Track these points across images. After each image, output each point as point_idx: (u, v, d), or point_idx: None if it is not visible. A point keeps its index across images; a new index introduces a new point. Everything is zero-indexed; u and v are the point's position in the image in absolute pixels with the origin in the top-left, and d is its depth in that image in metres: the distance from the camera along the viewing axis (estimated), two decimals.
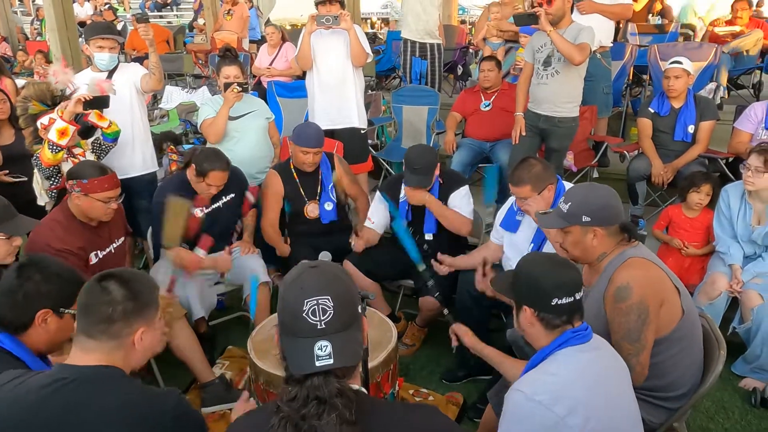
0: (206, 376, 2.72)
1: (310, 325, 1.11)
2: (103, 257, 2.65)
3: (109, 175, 2.56)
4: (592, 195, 1.95)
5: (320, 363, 1.09)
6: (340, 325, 1.12)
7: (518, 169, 2.53)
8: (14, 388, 1.34)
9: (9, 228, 2.08)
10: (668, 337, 1.86)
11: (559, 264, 1.61)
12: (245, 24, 8.22)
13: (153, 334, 1.47)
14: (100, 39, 3.32)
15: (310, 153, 3.15)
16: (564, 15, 3.39)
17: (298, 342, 1.12)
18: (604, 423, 1.48)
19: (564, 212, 1.95)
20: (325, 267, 1.20)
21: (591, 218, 1.90)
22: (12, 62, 9.16)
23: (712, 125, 3.66)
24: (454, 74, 7.20)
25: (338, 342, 1.11)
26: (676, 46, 5.20)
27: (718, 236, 3.00)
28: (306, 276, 1.16)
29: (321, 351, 1.09)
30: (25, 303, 1.62)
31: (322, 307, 1.11)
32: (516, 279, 1.66)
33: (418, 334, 3.19)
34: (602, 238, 1.92)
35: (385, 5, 17.84)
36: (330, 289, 1.13)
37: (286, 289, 1.17)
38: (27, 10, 14.84)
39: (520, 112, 3.69)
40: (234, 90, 3.34)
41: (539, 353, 1.59)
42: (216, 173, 2.87)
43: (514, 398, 1.51)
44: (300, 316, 1.11)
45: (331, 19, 3.69)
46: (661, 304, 1.83)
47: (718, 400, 2.69)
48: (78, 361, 1.37)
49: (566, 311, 1.56)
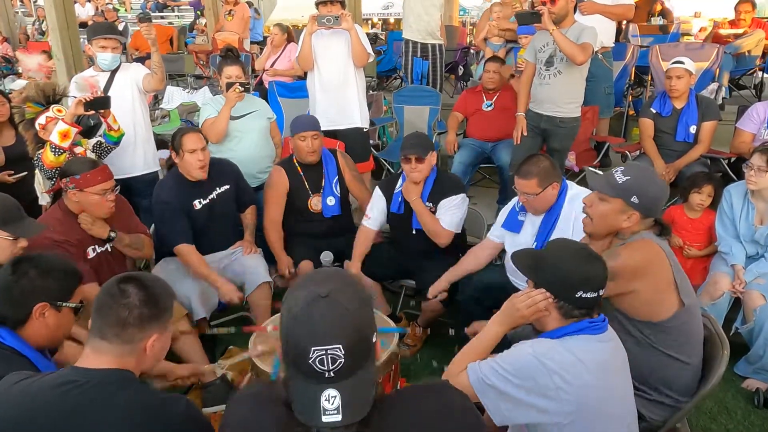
0: (208, 377, 2.71)
1: (317, 373, 1.00)
2: (100, 253, 2.64)
3: (100, 167, 2.55)
4: (651, 181, 1.95)
5: (327, 419, 0.99)
6: (351, 369, 1.01)
7: (526, 163, 2.53)
8: (25, 388, 1.34)
9: (16, 230, 2.08)
10: (663, 324, 1.87)
11: (590, 257, 1.60)
12: (246, 24, 8.23)
13: (164, 342, 1.46)
14: (103, 39, 3.33)
15: (308, 137, 3.15)
16: (567, 14, 3.38)
17: (303, 384, 1.02)
18: (595, 410, 1.49)
19: (617, 182, 1.92)
20: (337, 298, 1.03)
21: (639, 201, 1.89)
22: (13, 62, 9.16)
23: (714, 125, 3.65)
24: (455, 75, 7.21)
25: (347, 391, 1.01)
26: (678, 46, 5.21)
27: (720, 236, 2.99)
28: (315, 313, 1.01)
29: (329, 404, 1.00)
30: (22, 298, 1.63)
31: (332, 356, 0.99)
32: (542, 261, 1.64)
33: (419, 334, 3.19)
34: (635, 223, 1.92)
35: (386, 6, 17.82)
36: (342, 335, 1.00)
37: (291, 321, 1.03)
38: (28, 11, 14.87)
39: (522, 112, 3.69)
40: (236, 90, 3.34)
41: (554, 332, 1.58)
42: (187, 136, 2.86)
43: (521, 350, 1.52)
44: (306, 362, 1.00)
45: (331, 20, 3.69)
46: (633, 289, 1.84)
47: (721, 400, 2.68)
48: (90, 362, 1.37)
49: (588, 305, 1.55)
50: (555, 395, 1.45)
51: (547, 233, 2.56)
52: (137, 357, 1.40)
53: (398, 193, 3.05)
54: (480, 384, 1.54)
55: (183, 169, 2.94)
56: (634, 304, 1.89)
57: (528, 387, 1.47)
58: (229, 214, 3.19)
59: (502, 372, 1.51)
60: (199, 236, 2.96)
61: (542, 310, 1.58)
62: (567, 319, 1.56)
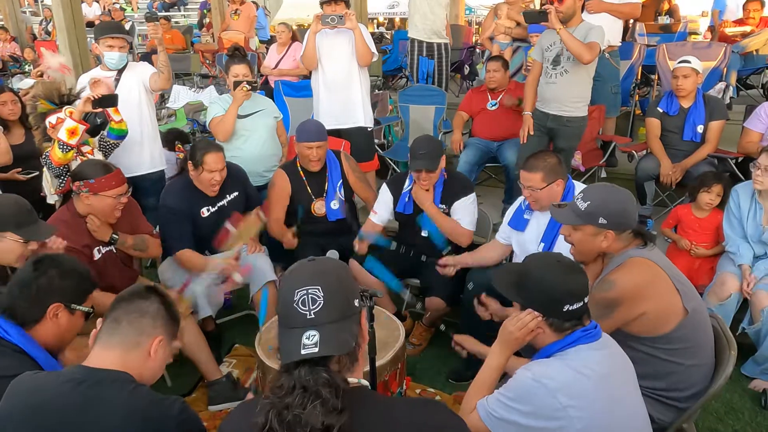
0: (213, 375, 2.73)
1: (300, 315, 1.11)
2: (105, 253, 2.66)
3: (114, 172, 2.58)
4: (611, 198, 1.94)
5: (305, 351, 1.08)
6: (330, 315, 1.11)
7: (533, 157, 2.54)
8: (35, 381, 1.39)
9: (28, 233, 2.09)
10: (668, 336, 1.86)
11: (569, 268, 1.60)
12: (252, 24, 8.24)
13: (166, 352, 1.51)
14: (110, 38, 3.35)
15: (313, 147, 3.15)
16: (574, 13, 3.37)
17: (288, 332, 1.12)
18: (607, 421, 1.47)
19: (581, 210, 1.94)
20: (322, 260, 1.22)
21: (607, 221, 1.89)
22: (21, 61, 9.22)
23: (722, 125, 3.63)
24: (461, 74, 7.21)
25: (327, 332, 1.10)
26: (685, 45, 5.17)
27: (728, 236, 2.98)
28: (300, 268, 1.19)
29: (308, 340, 1.09)
30: (39, 296, 1.65)
31: (312, 296, 1.11)
32: (524, 281, 1.63)
33: (424, 333, 3.19)
34: (612, 241, 1.92)
35: (391, 5, 17.81)
36: (321, 280, 1.13)
37: (282, 281, 1.20)
38: (36, 11, 14.95)
39: (528, 111, 3.68)
40: (243, 88, 3.35)
41: (548, 348, 1.58)
42: (210, 155, 2.85)
43: (520, 376, 1.52)
44: (291, 306, 1.12)
45: (336, 19, 3.69)
46: (642, 312, 1.83)
47: (728, 401, 2.67)
48: (96, 360, 1.40)
49: (576, 316, 1.55)
50: (563, 414, 1.44)
51: (554, 236, 2.55)
52: (141, 356, 1.43)
53: (405, 193, 3.05)
54: (490, 419, 1.54)
55: (196, 181, 2.94)
56: (643, 326, 1.87)
57: (533, 412, 1.47)
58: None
59: (507, 401, 1.51)
60: (203, 241, 2.96)
61: (534, 329, 1.59)
62: (560, 333, 1.56)
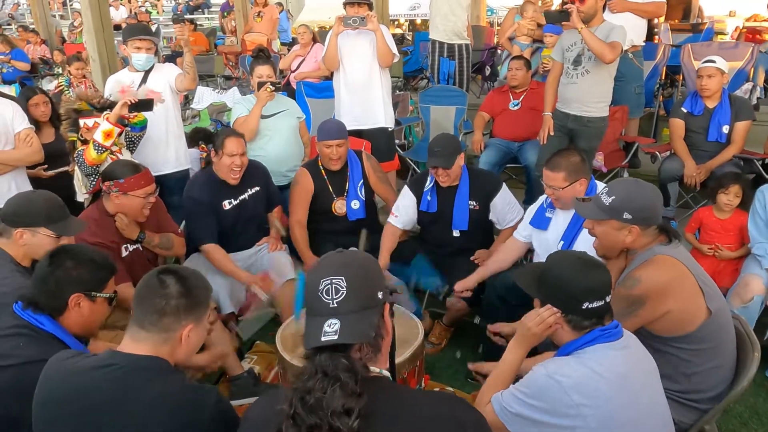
0: (235, 370, 2.76)
1: (324, 304, 1.14)
2: (132, 251, 2.73)
3: (143, 172, 2.65)
4: (637, 193, 1.93)
5: (325, 338, 1.11)
6: (353, 306, 1.14)
7: (557, 156, 2.53)
8: (70, 366, 1.41)
9: (60, 228, 2.14)
10: (690, 336, 1.84)
11: (590, 265, 1.59)
12: (275, 26, 8.34)
13: (200, 334, 1.50)
14: (138, 40, 3.43)
15: (333, 146, 3.18)
16: (596, 13, 3.36)
17: (312, 319, 1.16)
18: (625, 421, 1.46)
19: (605, 205, 1.93)
20: (349, 253, 1.25)
21: (632, 216, 1.88)
22: (51, 64, 9.44)
23: (748, 125, 3.58)
24: (482, 75, 7.18)
25: (348, 321, 1.13)
26: (711, 45, 5.10)
27: (754, 238, 2.92)
28: (328, 258, 1.23)
29: (329, 328, 1.12)
30: (57, 288, 1.69)
31: (335, 286, 1.15)
32: (544, 278, 1.64)
33: (444, 333, 3.19)
34: (637, 236, 1.91)
35: (413, 6, 17.80)
36: (346, 271, 1.17)
37: (309, 271, 1.24)
38: (65, 14, 15.30)
39: (549, 111, 3.67)
40: (267, 89, 3.41)
41: (566, 346, 1.58)
42: (230, 140, 2.92)
43: (536, 372, 1.52)
44: (316, 294, 1.16)
45: (357, 21, 3.74)
46: (667, 311, 1.81)
47: (752, 405, 2.63)
48: (128, 349, 1.42)
49: (596, 314, 1.55)
50: (576, 413, 1.44)
51: (574, 234, 2.54)
52: (173, 346, 1.44)
53: (427, 191, 3.07)
54: (504, 413, 1.55)
55: (217, 169, 3.00)
56: (666, 325, 1.86)
57: (548, 408, 1.47)
58: (257, 216, 3.25)
59: (521, 396, 1.52)
60: (225, 236, 3.02)
61: (552, 325, 1.60)
62: (579, 332, 1.56)
